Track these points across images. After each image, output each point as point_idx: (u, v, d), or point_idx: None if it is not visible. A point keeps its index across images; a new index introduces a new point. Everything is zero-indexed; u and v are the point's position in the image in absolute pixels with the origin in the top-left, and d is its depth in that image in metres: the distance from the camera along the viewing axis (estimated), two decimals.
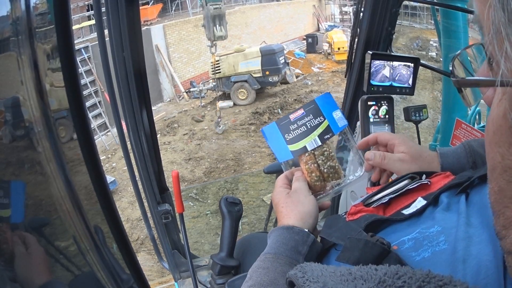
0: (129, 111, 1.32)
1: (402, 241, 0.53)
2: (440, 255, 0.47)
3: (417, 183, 0.67)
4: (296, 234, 0.66)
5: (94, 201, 0.84)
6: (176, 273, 1.74)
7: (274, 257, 0.64)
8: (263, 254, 0.67)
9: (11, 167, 0.68)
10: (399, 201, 0.67)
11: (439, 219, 0.53)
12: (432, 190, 0.64)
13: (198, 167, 8.14)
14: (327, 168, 0.77)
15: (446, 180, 0.65)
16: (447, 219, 0.53)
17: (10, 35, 0.62)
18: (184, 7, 16.23)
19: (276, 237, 0.67)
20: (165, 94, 12.42)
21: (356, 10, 1.75)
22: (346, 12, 20.39)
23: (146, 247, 5.70)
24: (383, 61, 1.43)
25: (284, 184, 0.78)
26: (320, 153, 0.77)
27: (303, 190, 0.75)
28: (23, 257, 0.67)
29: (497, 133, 0.32)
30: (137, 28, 1.21)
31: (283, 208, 0.73)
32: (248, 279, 0.63)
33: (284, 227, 0.68)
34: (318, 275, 0.38)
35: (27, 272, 0.69)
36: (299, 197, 0.74)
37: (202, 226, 5.55)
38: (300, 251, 0.65)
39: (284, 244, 0.65)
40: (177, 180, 1.36)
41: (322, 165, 0.77)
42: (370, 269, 0.38)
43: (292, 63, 13.32)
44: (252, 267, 0.65)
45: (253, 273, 0.63)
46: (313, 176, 0.77)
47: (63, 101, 0.73)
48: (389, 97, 1.50)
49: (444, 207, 0.56)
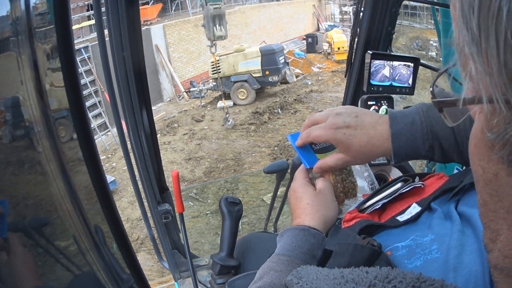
0: (129, 111, 1.32)
1: (396, 247, 0.53)
2: (432, 263, 0.47)
3: (410, 186, 0.65)
4: (312, 236, 0.64)
5: (94, 201, 0.84)
6: (176, 273, 1.75)
7: (289, 261, 0.61)
8: (276, 255, 0.63)
9: (11, 167, 0.68)
10: (393, 207, 0.66)
11: (434, 227, 0.53)
12: (426, 194, 0.63)
13: (198, 167, 8.15)
14: (348, 183, 0.75)
15: (440, 181, 0.64)
16: (441, 226, 0.52)
17: (10, 35, 0.62)
18: (184, 7, 16.23)
19: (291, 238, 0.64)
20: (165, 94, 12.42)
21: (356, 10, 1.75)
22: (346, 12, 20.40)
23: (146, 247, 5.70)
24: (383, 61, 1.43)
25: (306, 177, 0.74)
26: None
27: (331, 193, 0.72)
28: (22, 258, 0.67)
29: (477, 146, 0.32)
30: (137, 28, 1.21)
31: (308, 206, 0.68)
32: (258, 279, 0.61)
33: (300, 227, 0.65)
34: (313, 278, 0.38)
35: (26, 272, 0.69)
36: (327, 199, 0.70)
37: (202, 226, 5.56)
38: (315, 255, 0.63)
39: (299, 247, 0.63)
40: (177, 180, 1.36)
41: (345, 179, 0.75)
42: (361, 272, 0.38)
43: (292, 63, 13.32)
44: (263, 267, 0.63)
45: (264, 274, 0.61)
46: (339, 187, 0.75)
47: (63, 101, 0.73)
48: (389, 96, 1.50)
49: (440, 215, 0.55)
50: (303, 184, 0.72)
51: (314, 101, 10.93)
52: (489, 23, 0.24)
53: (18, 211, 0.68)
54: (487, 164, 0.31)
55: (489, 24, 0.24)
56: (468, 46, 0.26)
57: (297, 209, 0.69)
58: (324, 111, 0.73)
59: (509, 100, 0.25)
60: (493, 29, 0.24)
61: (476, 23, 0.25)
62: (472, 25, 0.25)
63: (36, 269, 0.72)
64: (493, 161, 0.30)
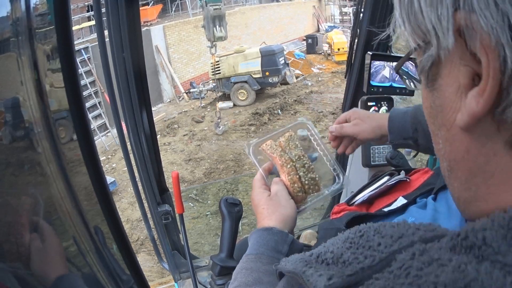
0: (129, 112, 1.32)
1: None
2: None
3: (396, 180, 0.71)
4: (275, 234, 0.69)
5: (94, 202, 0.84)
6: (176, 273, 1.74)
7: (256, 257, 0.66)
8: (245, 256, 0.69)
9: (11, 167, 0.68)
10: (381, 200, 0.71)
11: (414, 212, 0.59)
12: (412, 188, 0.69)
13: (198, 167, 8.14)
14: (308, 180, 0.79)
15: (425, 176, 0.70)
16: (419, 213, 0.58)
17: (10, 35, 0.62)
18: (184, 8, 16.24)
19: (257, 239, 0.70)
20: (165, 95, 12.42)
21: (356, 10, 1.75)
22: (346, 12, 20.40)
23: (146, 248, 5.70)
24: (383, 62, 1.43)
25: (262, 185, 0.81)
26: (301, 165, 0.79)
27: (284, 193, 0.77)
28: (22, 258, 0.67)
29: (422, 94, 0.39)
30: (137, 28, 1.21)
31: (264, 210, 0.75)
32: (233, 280, 0.65)
33: (263, 228, 0.70)
34: (297, 258, 0.40)
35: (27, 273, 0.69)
36: (281, 200, 0.75)
37: (202, 226, 5.55)
38: (280, 250, 0.67)
39: (265, 245, 0.68)
40: (177, 181, 1.36)
41: (304, 177, 0.79)
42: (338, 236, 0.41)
43: (292, 63, 13.32)
44: (236, 268, 0.67)
45: (237, 274, 0.65)
46: (296, 187, 0.78)
47: (63, 101, 0.73)
48: (389, 97, 1.50)
49: (421, 205, 0.61)
50: (258, 192, 0.79)
51: (314, 102, 10.92)
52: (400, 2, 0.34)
53: (18, 211, 0.68)
54: (426, 101, 0.38)
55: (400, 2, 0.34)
56: (397, 19, 0.35)
57: (258, 215, 0.76)
58: None
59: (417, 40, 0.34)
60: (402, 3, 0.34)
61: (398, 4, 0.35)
62: (396, 5, 0.35)
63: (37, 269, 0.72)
64: (427, 96, 0.37)
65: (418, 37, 0.34)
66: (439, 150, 0.39)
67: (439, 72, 0.34)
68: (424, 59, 0.34)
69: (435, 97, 0.36)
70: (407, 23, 0.34)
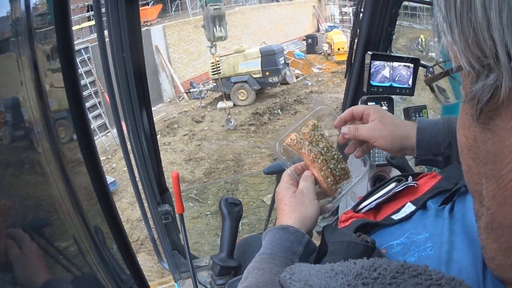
0: (129, 112, 1.32)
1: (391, 245, 0.54)
2: (426, 259, 0.48)
3: (404, 186, 0.67)
4: (291, 234, 0.67)
5: (94, 202, 0.84)
6: (176, 273, 1.74)
7: (270, 258, 0.65)
8: (259, 255, 0.67)
9: (11, 167, 0.68)
10: (388, 206, 0.67)
11: (428, 226, 0.54)
12: (420, 194, 0.65)
13: (198, 167, 8.14)
14: (338, 170, 0.78)
15: (433, 181, 0.66)
16: (434, 225, 0.53)
17: (10, 35, 0.62)
18: (184, 8, 16.24)
19: (271, 237, 0.68)
20: (165, 95, 12.42)
21: (356, 10, 1.75)
22: (345, 12, 20.40)
23: (146, 248, 5.69)
24: (383, 62, 1.43)
25: (290, 180, 0.78)
26: (330, 157, 0.77)
27: (310, 192, 0.74)
28: (22, 258, 0.67)
29: (460, 118, 0.34)
30: (137, 28, 1.21)
31: (286, 206, 0.72)
32: (244, 279, 0.64)
33: (279, 227, 0.69)
34: (305, 274, 0.39)
35: (27, 274, 0.69)
36: (304, 199, 0.73)
37: (202, 226, 5.55)
38: (295, 252, 0.65)
39: (279, 245, 0.66)
40: (177, 181, 1.36)
41: (334, 169, 0.77)
42: (350, 263, 0.39)
43: (292, 63, 13.32)
44: (248, 267, 0.66)
45: (248, 274, 0.64)
46: (329, 181, 0.77)
47: (63, 101, 0.73)
48: (389, 97, 1.51)
49: (433, 214, 0.56)
50: (284, 187, 0.76)
51: (314, 102, 10.92)
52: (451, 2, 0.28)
53: (18, 211, 0.68)
54: (468, 131, 0.32)
55: (451, 2, 0.28)
56: (440, 24, 0.30)
57: (279, 211, 0.74)
58: None
59: (471, 61, 0.27)
60: (453, 5, 0.28)
61: (443, 4, 0.29)
62: (441, 5, 0.29)
63: (35, 270, 0.72)
64: (472, 127, 0.32)
65: (473, 57, 0.27)
66: (479, 199, 0.33)
67: (499, 110, 0.27)
68: (478, 88, 0.27)
69: (487, 138, 0.29)
70: (458, 35, 0.27)
